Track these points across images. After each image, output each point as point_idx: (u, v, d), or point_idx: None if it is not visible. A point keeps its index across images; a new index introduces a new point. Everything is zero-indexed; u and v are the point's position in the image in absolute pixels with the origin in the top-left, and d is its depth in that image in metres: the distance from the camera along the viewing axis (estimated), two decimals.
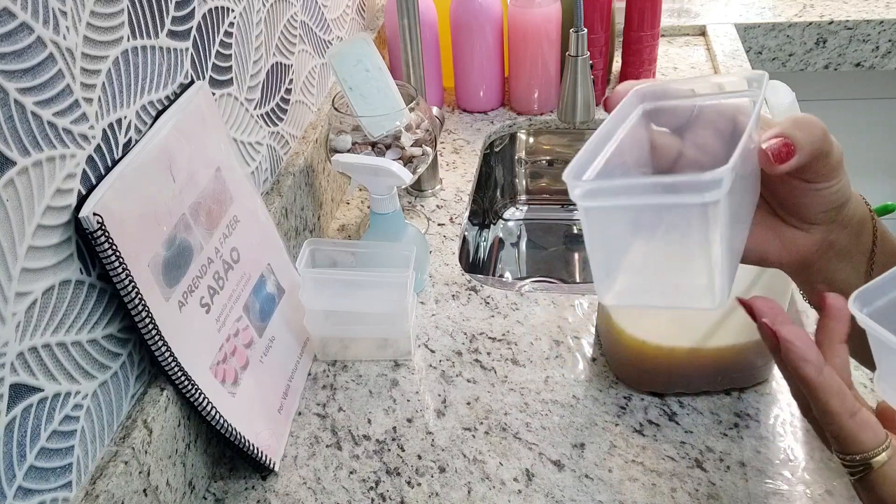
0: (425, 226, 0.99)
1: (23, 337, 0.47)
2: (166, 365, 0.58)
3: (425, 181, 1.04)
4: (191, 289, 0.62)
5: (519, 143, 1.23)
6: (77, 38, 0.51)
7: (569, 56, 0.95)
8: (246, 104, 0.78)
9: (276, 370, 0.73)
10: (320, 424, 0.72)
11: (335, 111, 0.87)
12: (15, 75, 0.46)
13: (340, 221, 1.01)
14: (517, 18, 1.13)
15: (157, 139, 0.59)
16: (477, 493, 0.65)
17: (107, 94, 0.55)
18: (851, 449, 0.40)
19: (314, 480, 0.67)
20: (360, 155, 0.85)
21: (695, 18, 1.43)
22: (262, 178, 0.83)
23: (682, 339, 0.67)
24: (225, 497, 0.66)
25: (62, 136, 0.50)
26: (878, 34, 1.37)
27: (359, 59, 0.86)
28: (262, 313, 0.73)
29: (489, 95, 1.22)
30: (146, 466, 0.57)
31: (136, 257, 0.55)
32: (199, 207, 0.64)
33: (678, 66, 1.31)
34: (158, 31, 0.61)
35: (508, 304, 0.84)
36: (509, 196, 1.27)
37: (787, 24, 1.38)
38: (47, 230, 0.49)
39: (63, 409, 0.51)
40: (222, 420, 0.62)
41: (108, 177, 0.54)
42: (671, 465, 0.65)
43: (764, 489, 0.63)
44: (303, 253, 0.76)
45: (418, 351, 0.79)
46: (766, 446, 0.66)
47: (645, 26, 1.13)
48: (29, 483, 0.48)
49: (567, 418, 0.70)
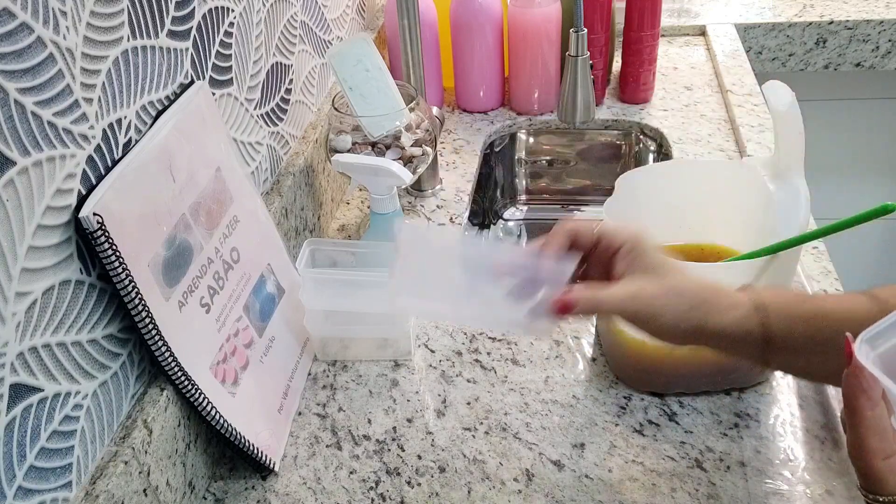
0: (425, 226, 0.99)
1: (23, 337, 0.47)
2: (166, 365, 0.58)
3: (425, 181, 1.04)
4: (191, 289, 0.62)
5: (519, 143, 1.23)
6: (77, 38, 0.51)
7: (569, 56, 0.95)
8: (246, 104, 0.78)
9: (276, 370, 0.73)
10: (320, 424, 0.72)
11: (335, 111, 0.87)
12: (15, 75, 0.46)
13: (340, 221, 1.01)
14: (517, 18, 1.13)
15: (157, 139, 0.59)
16: (477, 493, 0.65)
17: (107, 94, 0.55)
18: (876, 488, 0.40)
19: (314, 480, 0.67)
20: (360, 155, 0.85)
21: (695, 18, 1.43)
22: (262, 178, 0.83)
23: None
24: (225, 497, 0.66)
25: (62, 136, 0.50)
26: (878, 34, 1.37)
27: (359, 59, 0.86)
28: (262, 313, 0.73)
29: (489, 95, 1.22)
30: (146, 466, 0.57)
31: (136, 257, 0.55)
32: (199, 207, 0.64)
33: (678, 66, 1.31)
34: (158, 31, 0.61)
35: None
36: (509, 196, 1.27)
37: (787, 24, 1.38)
38: (47, 230, 0.49)
39: (63, 409, 0.51)
40: (222, 420, 0.62)
41: (108, 177, 0.54)
42: (671, 465, 0.65)
43: (764, 489, 0.63)
44: (303, 253, 0.76)
45: (418, 351, 0.79)
46: (766, 446, 0.66)
47: (645, 26, 1.13)
48: (29, 483, 0.48)
49: (567, 418, 0.70)
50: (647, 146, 1.18)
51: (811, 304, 0.52)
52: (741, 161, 0.96)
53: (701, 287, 0.50)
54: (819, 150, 1.47)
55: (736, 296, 0.51)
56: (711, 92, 1.23)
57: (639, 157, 1.20)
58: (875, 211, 0.53)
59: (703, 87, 1.24)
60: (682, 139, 1.11)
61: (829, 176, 1.60)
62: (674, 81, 1.27)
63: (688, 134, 1.12)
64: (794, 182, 0.66)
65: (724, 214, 0.74)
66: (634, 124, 1.18)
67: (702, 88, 1.24)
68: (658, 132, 1.15)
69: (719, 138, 1.11)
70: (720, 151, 1.08)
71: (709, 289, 0.50)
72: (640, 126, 1.18)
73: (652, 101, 1.21)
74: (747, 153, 1.04)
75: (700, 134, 1.12)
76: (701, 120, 1.15)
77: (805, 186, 0.65)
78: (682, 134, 1.12)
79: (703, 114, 1.17)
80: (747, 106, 1.15)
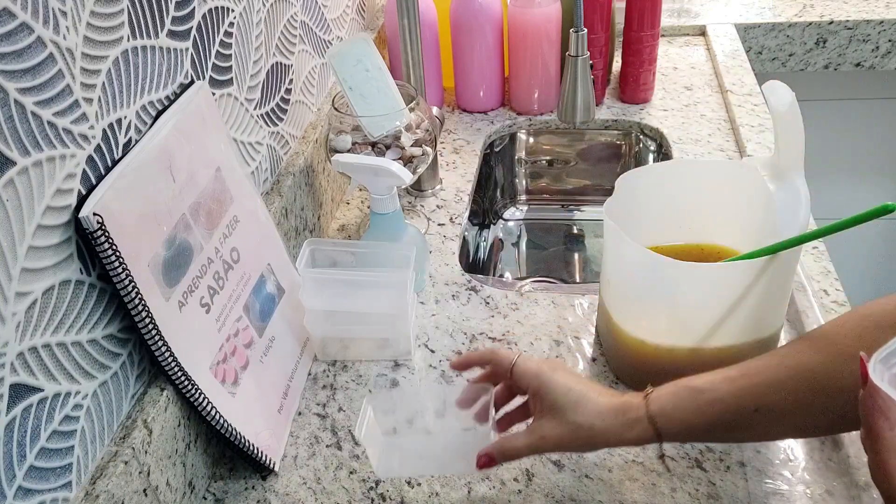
0: (425, 226, 0.99)
1: (23, 337, 0.47)
2: (166, 365, 0.58)
3: (425, 181, 1.04)
4: (191, 289, 0.62)
5: (519, 143, 1.23)
6: (77, 38, 0.51)
7: (569, 56, 0.95)
8: (246, 104, 0.78)
9: (276, 370, 0.73)
10: (320, 424, 0.72)
11: (335, 111, 0.87)
12: (15, 75, 0.46)
13: (340, 221, 1.01)
14: (517, 18, 1.13)
15: (157, 139, 0.59)
16: (477, 493, 0.65)
17: (107, 94, 0.55)
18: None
19: (314, 480, 0.67)
20: (360, 155, 0.85)
21: (695, 18, 1.43)
22: (262, 178, 0.83)
23: (682, 340, 0.67)
24: (225, 497, 0.66)
25: (62, 136, 0.50)
26: (878, 34, 1.37)
27: (359, 59, 0.86)
28: (262, 313, 0.73)
29: (489, 95, 1.22)
30: (146, 466, 0.57)
31: (136, 257, 0.55)
32: (199, 207, 0.64)
33: (678, 66, 1.31)
34: (158, 31, 0.61)
35: (508, 304, 0.84)
36: (509, 196, 1.27)
37: (787, 24, 1.38)
38: (47, 230, 0.49)
39: (63, 409, 0.51)
40: (222, 420, 0.62)
41: (108, 177, 0.54)
42: (671, 465, 0.65)
43: (764, 489, 0.63)
44: (303, 253, 0.76)
45: (418, 351, 0.79)
46: (766, 446, 0.66)
47: (645, 26, 1.13)
48: (29, 483, 0.48)
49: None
50: (647, 146, 1.18)
51: (706, 396, 0.54)
52: (741, 161, 0.96)
53: (600, 418, 0.55)
54: (819, 150, 1.47)
55: (633, 413, 0.55)
56: (711, 92, 1.23)
57: (639, 157, 1.20)
58: (875, 211, 0.53)
59: (703, 87, 1.24)
60: (682, 139, 1.11)
61: (829, 176, 1.60)
62: (674, 81, 1.27)
63: (688, 134, 1.12)
64: (794, 182, 0.66)
65: (724, 214, 0.74)
66: (634, 124, 1.18)
67: (702, 88, 1.24)
68: (658, 132, 1.15)
69: (719, 138, 1.11)
70: (720, 151, 1.08)
71: (608, 416, 0.55)
72: (640, 126, 1.18)
73: (652, 101, 1.21)
74: (747, 153, 1.04)
75: (700, 134, 1.12)
76: (701, 120, 1.15)
77: (805, 186, 0.65)
78: (682, 134, 1.12)
79: (703, 114, 1.17)
80: (747, 106, 1.15)
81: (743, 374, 0.54)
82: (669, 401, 0.55)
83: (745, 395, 0.53)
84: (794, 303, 0.77)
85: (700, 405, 0.54)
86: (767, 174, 0.68)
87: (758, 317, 0.65)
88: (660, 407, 0.55)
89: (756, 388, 0.53)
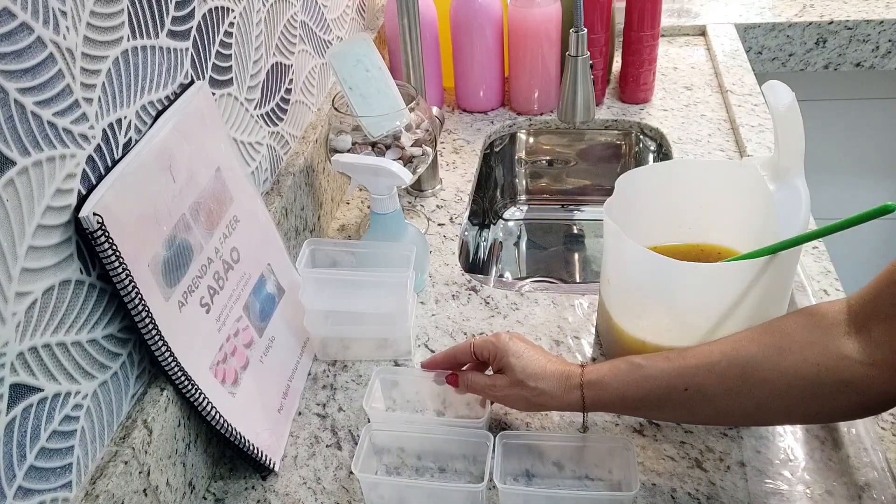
0: (425, 226, 0.99)
1: (23, 337, 0.47)
2: (166, 365, 0.58)
3: (425, 181, 1.04)
4: (191, 289, 0.62)
5: (519, 143, 1.23)
6: (77, 38, 0.51)
7: (569, 56, 0.95)
8: (246, 104, 0.78)
9: (276, 370, 0.73)
10: (320, 424, 0.72)
11: (335, 111, 0.87)
12: (15, 75, 0.46)
13: (340, 221, 1.01)
14: (517, 18, 1.13)
15: (157, 139, 0.59)
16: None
17: (107, 94, 0.55)
18: None
19: (314, 480, 0.67)
20: (360, 155, 0.85)
21: (695, 18, 1.43)
22: (262, 178, 0.83)
23: (682, 339, 0.67)
24: (225, 497, 0.66)
25: (62, 136, 0.50)
26: (878, 34, 1.37)
27: (359, 59, 0.86)
28: (262, 313, 0.73)
29: (489, 95, 1.22)
30: (146, 466, 0.57)
31: (136, 257, 0.55)
32: (199, 207, 0.64)
33: (678, 66, 1.31)
34: (158, 31, 0.61)
35: (508, 304, 0.84)
36: (509, 196, 1.27)
37: (787, 24, 1.38)
38: (47, 230, 0.49)
39: (63, 409, 0.51)
40: (222, 420, 0.62)
41: (108, 177, 0.54)
42: (671, 465, 0.65)
43: (764, 489, 0.63)
44: (303, 253, 0.76)
45: (418, 351, 0.79)
46: (766, 446, 0.66)
47: (645, 26, 1.13)
48: (29, 483, 0.48)
49: (567, 418, 0.70)
50: (647, 146, 1.18)
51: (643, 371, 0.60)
52: (741, 161, 0.96)
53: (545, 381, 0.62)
54: (819, 150, 1.47)
55: (573, 381, 0.61)
56: (711, 92, 1.23)
57: (639, 157, 1.20)
58: (875, 211, 0.53)
59: (703, 87, 1.24)
60: (682, 139, 1.11)
61: (829, 176, 1.60)
62: (674, 81, 1.27)
63: (688, 134, 1.12)
64: (794, 182, 0.66)
65: (724, 214, 0.74)
66: (634, 124, 1.18)
67: (702, 88, 1.24)
68: (658, 132, 1.15)
69: (719, 138, 1.11)
70: (720, 151, 1.08)
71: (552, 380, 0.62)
72: (640, 126, 1.18)
73: (652, 101, 1.21)
74: (747, 153, 1.04)
75: (700, 134, 1.12)
76: (701, 120, 1.15)
77: (805, 186, 0.65)
78: (682, 134, 1.12)
79: (703, 114, 1.17)
80: (747, 106, 1.15)
81: (680, 355, 0.59)
82: (609, 371, 0.61)
83: (678, 375, 0.58)
84: (794, 303, 0.77)
85: (636, 378, 0.59)
86: (767, 174, 0.68)
87: (758, 317, 0.65)
88: (598, 377, 0.61)
89: (689, 370, 0.58)
